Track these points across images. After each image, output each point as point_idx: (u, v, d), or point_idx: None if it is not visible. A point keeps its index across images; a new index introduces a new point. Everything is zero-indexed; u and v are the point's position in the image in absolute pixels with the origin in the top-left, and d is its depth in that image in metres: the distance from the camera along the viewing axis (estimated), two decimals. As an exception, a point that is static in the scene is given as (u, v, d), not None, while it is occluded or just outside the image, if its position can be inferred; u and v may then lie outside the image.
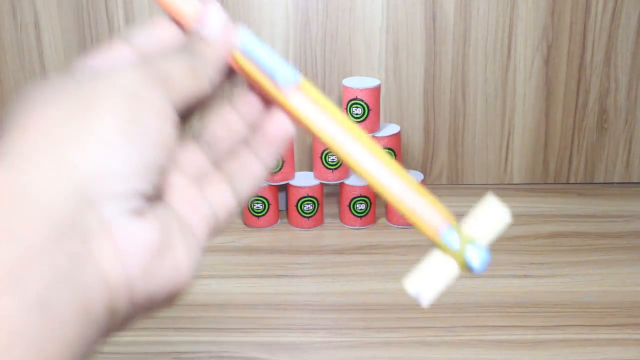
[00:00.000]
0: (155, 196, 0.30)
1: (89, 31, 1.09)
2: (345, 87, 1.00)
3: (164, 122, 0.30)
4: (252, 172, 0.35)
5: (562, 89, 1.13)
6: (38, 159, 0.26)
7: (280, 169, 1.02)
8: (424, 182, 1.05)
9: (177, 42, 0.33)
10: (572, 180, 1.18)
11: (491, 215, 0.33)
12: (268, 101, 0.34)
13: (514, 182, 1.18)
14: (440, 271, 0.32)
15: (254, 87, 0.34)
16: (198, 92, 0.32)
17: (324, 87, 1.12)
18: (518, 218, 1.07)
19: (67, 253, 0.25)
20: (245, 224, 1.06)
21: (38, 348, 0.24)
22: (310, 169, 1.15)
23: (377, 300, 0.86)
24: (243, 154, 0.35)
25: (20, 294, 0.24)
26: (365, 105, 0.99)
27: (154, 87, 0.29)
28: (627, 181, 1.18)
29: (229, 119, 0.35)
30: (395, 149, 1.02)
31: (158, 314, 0.29)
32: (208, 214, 0.34)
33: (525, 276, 0.92)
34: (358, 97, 0.99)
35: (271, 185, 1.03)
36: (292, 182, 1.04)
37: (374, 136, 1.02)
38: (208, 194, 0.34)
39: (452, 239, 0.32)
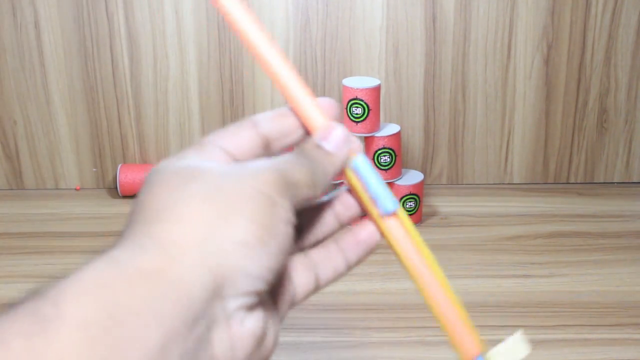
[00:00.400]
0: (266, 288, 0.33)
1: (89, 31, 1.09)
2: (345, 87, 1.00)
3: (290, 228, 0.32)
4: (335, 266, 0.38)
5: (562, 88, 1.13)
6: (187, 250, 0.29)
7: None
8: (424, 182, 1.05)
9: (299, 145, 0.36)
10: (572, 180, 1.18)
11: (513, 348, 0.39)
12: (364, 210, 0.37)
13: (514, 182, 1.18)
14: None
15: (356, 198, 0.38)
16: (312, 199, 0.34)
17: (324, 87, 1.12)
18: (518, 218, 1.07)
19: (196, 338, 0.28)
20: (245, 223, 1.06)
21: None
22: (310, 169, 1.15)
23: (377, 300, 0.86)
24: (331, 247, 0.38)
25: None
26: (365, 105, 0.99)
27: (285, 194, 0.32)
28: (627, 181, 1.18)
29: (325, 216, 0.38)
30: (395, 148, 1.02)
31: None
32: (291, 294, 0.38)
33: (525, 276, 0.92)
34: (358, 96, 0.99)
35: (271, 185, 1.03)
36: (292, 182, 1.03)
37: (373, 136, 1.02)
38: (293, 275, 0.37)
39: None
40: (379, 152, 1.02)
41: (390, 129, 1.04)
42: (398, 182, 1.03)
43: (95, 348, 0.24)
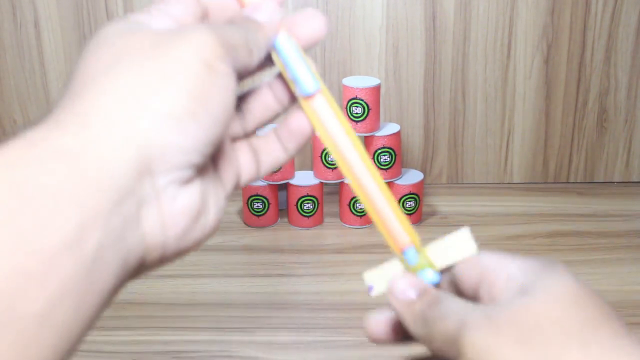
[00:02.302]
0: (204, 164, 0.32)
1: (89, 30, 1.09)
2: (345, 87, 1.00)
3: (230, 96, 0.31)
4: (274, 153, 0.37)
5: (562, 88, 1.13)
6: (112, 127, 0.27)
7: (280, 168, 1.02)
8: (424, 182, 1.05)
9: (230, 18, 0.34)
10: (572, 180, 1.18)
11: (458, 246, 0.35)
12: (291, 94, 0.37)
13: (514, 182, 1.18)
14: (393, 275, 0.37)
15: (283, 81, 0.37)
16: (249, 67, 0.33)
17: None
18: (518, 217, 1.07)
19: (122, 217, 0.27)
20: (245, 223, 1.06)
21: (81, 300, 0.26)
22: (310, 169, 1.15)
23: (377, 299, 0.86)
24: (270, 135, 0.37)
25: (77, 255, 0.25)
26: (365, 105, 0.99)
27: (224, 58, 0.30)
28: (627, 180, 1.18)
29: (265, 97, 0.37)
30: (395, 148, 1.02)
31: (158, 313, 0.29)
32: (236, 171, 0.36)
33: (525, 275, 0.92)
34: (358, 96, 0.99)
35: (271, 184, 1.03)
36: (292, 182, 1.04)
37: (373, 135, 1.02)
38: (239, 155, 0.36)
39: (412, 258, 0.36)
40: (379, 151, 1.02)
41: (390, 128, 1.04)
42: (398, 182, 1.03)
43: (2, 232, 0.23)
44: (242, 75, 0.33)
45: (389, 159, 1.02)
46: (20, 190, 0.25)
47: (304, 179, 1.05)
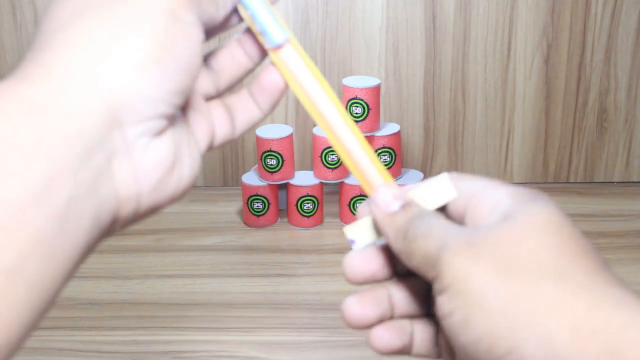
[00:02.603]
0: (174, 115, 0.31)
1: (89, 30, 1.09)
2: (345, 87, 1.00)
3: (196, 46, 0.30)
4: (248, 111, 0.37)
5: (562, 88, 1.13)
6: (77, 77, 0.27)
7: (280, 168, 1.02)
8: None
9: None
10: (572, 180, 1.18)
11: (437, 192, 0.35)
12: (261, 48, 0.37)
13: (514, 182, 1.18)
14: (375, 229, 0.36)
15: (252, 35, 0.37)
16: (216, 20, 0.33)
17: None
18: (518, 217, 1.07)
19: (92, 170, 0.27)
20: (245, 223, 1.06)
21: (53, 254, 0.25)
22: (310, 168, 1.15)
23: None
24: (243, 93, 0.37)
25: (46, 207, 0.25)
26: (365, 105, 0.99)
27: (189, 8, 0.30)
28: (627, 180, 1.18)
29: (235, 53, 0.37)
30: (395, 148, 1.02)
31: (158, 313, 0.29)
32: (210, 128, 0.35)
33: (525, 275, 0.91)
34: (358, 96, 0.99)
35: (271, 184, 1.03)
36: (292, 181, 1.04)
37: (373, 135, 1.02)
38: (211, 114, 0.36)
39: None
40: (379, 151, 1.02)
41: (390, 128, 1.04)
42: (398, 182, 1.03)
43: None
44: (210, 29, 0.33)
45: (389, 159, 1.02)
46: None
47: (304, 179, 1.05)
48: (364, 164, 0.36)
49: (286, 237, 1.03)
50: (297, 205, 1.03)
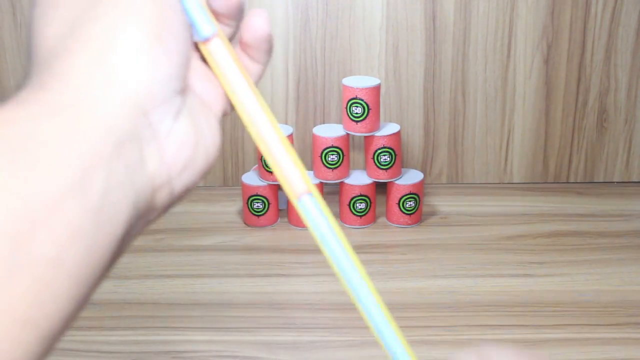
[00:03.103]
0: (185, 89, 0.32)
1: (89, 30, 1.09)
2: (345, 87, 1.00)
3: (183, 14, 0.31)
4: (249, 69, 0.36)
5: (562, 88, 1.13)
6: (93, 77, 0.28)
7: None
8: (424, 182, 1.05)
9: None
10: (572, 180, 1.18)
11: None
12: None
13: (514, 182, 1.18)
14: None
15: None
16: None
17: (324, 87, 1.12)
18: (518, 217, 1.07)
19: (125, 161, 0.27)
20: (245, 223, 1.06)
21: (91, 245, 0.26)
22: (310, 168, 1.15)
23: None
24: (238, 52, 0.37)
25: (82, 199, 0.25)
26: (365, 105, 0.99)
27: None
28: (627, 180, 1.18)
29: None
30: (395, 148, 1.02)
31: (158, 313, 0.29)
32: (219, 91, 0.35)
33: (526, 275, 0.92)
34: (358, 96, 0.99)
35: (271, 184, 1.03)
36: (292, 182, 1.03)
37: (373, 135, 1.02)
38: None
39: (308, 205, 0.35)
40: (379, 151, 1.02)
41: (390, 128, 1.04)
42: (398, 182, 1.03)
43: (4, 174, 0.24)
44: None
45: (389, 159, 1.02)
46: (18, 143, 0.25)
47: (304, 179, 1.04)
48: (283, 162, 0.35)
49: (286, 237, 1.03)
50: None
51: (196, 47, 0.35)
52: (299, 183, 0.35)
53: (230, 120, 1.14)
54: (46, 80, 0.28)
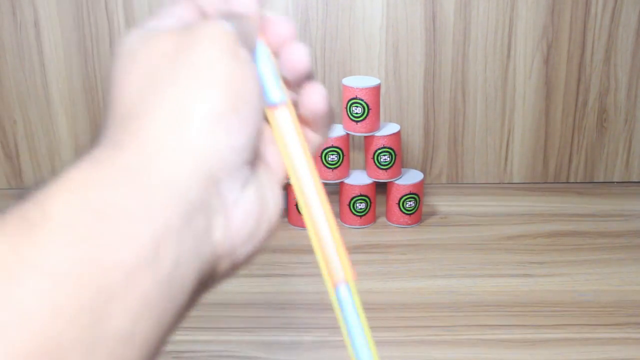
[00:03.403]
0: (253, 157, 0.31)
1: (89, 30, 1.09)
2: (345, 87, 1.00)
3: (257, 81, 0.31)
4: (308, 138, 0.36)
5: (562, 88, 1.13)
6: (168, 142, 0.28)
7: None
8: (424, 182, 1.05)
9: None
10: (572, 180, 1.18)
11: None
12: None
13: (514, 182, 1.18)
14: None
15: None
16: (251, 51, 0.33)
17: (324, 86, 1.12)
18: (518, 217, 1.07)
19: (194, 231, 0.27)
20: (245, 223, 1.06)
21: (160, 316, 0.26)
22: (310, 169, 1.15)
23: (376, 299, 0.87)
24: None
25: (155, 270, 0.25)
26: (365, 105, 0.99)
27: (243, 43, 0.30)
28: (627, 180, 1.18)
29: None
30: (395, 148, 1.02)
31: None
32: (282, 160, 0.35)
33: (525, 275, 0.92)
34: (358, 96, 0.99)
35: (271, 184, 1.03)
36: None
37: (373, 135, 1.02)
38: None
39: (344, 295, 0.36)
40: (379, 151, 1.02)
41: (390, 128, 1.04)
42: (398, 182, 1.03)
43: (83, 247, 0.24)
44: None
45: (389, 159, 1.02)
46: (94, 209, 0.25)
47: (304, 179, 1.04)
48: (328, 247, 0.35)
49: (286, 237, 1.03)
50: (297, 205, 1.03)
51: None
52: (339, 271, 0.35)
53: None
54: (122, 140, 0.28)
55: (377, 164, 1.02)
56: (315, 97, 0.34)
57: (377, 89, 1.00)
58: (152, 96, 0.29)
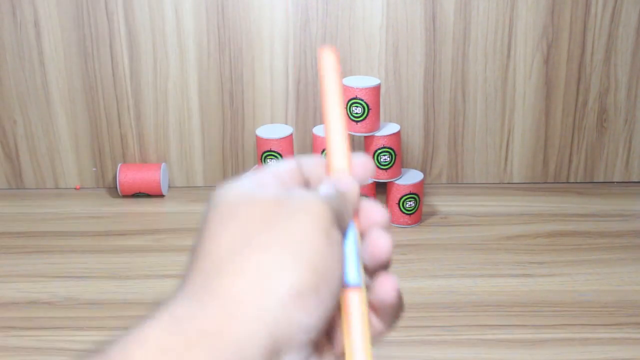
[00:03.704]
0: (318, 337, 0.32)
1: (89, 30, 1.09)
2: (345, 87, 1.00)
3: (342, 264, 0.31)
4: (373, 325, 0.36)
5: (562, 88, 1.13)
6: (245, 308, 0.29)
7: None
8: (424, 182, 1.05)
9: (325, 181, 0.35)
10: (571, 180, 1.18)
11: None
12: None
13: (514, 182, 1.18)
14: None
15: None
16: (343, 232, 0.33)
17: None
18: (518, 217, 1.07)
19: None
20: (245, 223, 1.06)
21: None
22: (310, 169, 1.15)
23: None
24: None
25: None
26: (365, 105, 0.99)
27: (337, 225, 0.31)
28: (626, 180, 1.18)
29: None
30: (395, 148, 1.02)
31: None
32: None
33: (525, 275, 0.92)
34: (358, 96, 0.99)
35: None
36: (292, 182, 1.03)
37: (373, 135, 1.02)
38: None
39: None
40: (379, 151, 1.02)
41: (390, 128, 1.04)
42: (398, 182, 1.03)
43: None
44: None
45: (389, 159, 1.02)
46: None
47: (304, 179, 1.04)
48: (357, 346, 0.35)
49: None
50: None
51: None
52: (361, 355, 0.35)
53: (230, 120, 1.14)
54: (203, 298, 0.29)
55: (377, 164, 1.02)
56: (388, 287, 0.34)
57: (377, 88, 1.00)
58: (241, 258, 0.30)
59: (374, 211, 0.35)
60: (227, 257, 0.30)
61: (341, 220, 0.32)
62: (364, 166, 0.35)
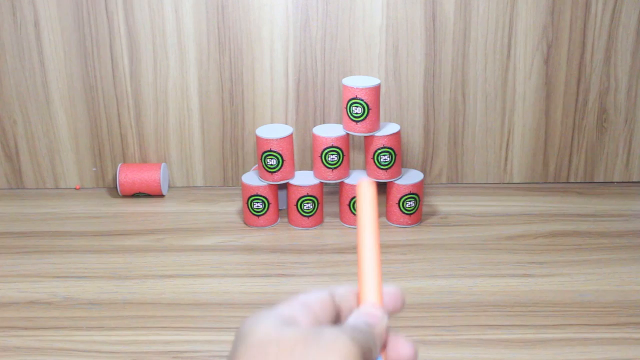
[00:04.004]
0: None
1: (89, 30, 1.09)
2: (345, 87, 1.00)
3: None
4: None
5: (562, 88, 1.13)
6: None
7: (280, 168, 1.02)
8: (424, 182, 1.05)
9: (356, 315, 0.36)
10: (572, 180, 1.18)
11: None
12: None
13: (514, 182, 1.18)
14: None
15: None
16: None
17: (324, 87, 1.12)
18: (518, 217, 1.07)
19: None
20: (245, 223, 1.06)
21: None
22: (310, 169, 1.15)
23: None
24: None
25: None
26: (365, 105, 0.99)
27: None
28: (626, 180, 1.18)
29: None
30: (395, 148, 1.02)
31: (158, 313, 0.29)
32: None
33: (526, 275, 0.92)
34: (358, 96, 0.99)
35: (271, 184, 1.03)
36: (292, 182, 1.04)
37: (373, 135, 1.02)
38: None
39: None
40: (379, 151, 1.02)
41: (390, 128, 1.04)
42: (398, 182, 1.03)
43: None
44: None
45: (389, 159, 1.02)
46: None
47: (304, 179, 1.05)
48: None
49: (286, 237, 1.03)
50: (297, 205, 1.03)
51: None
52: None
53: (230, 120, 1.14)
54: None
55: (377, 164, 1.02)
56: (405, 352, 0.36)
57: (377, 88, 1.00)
58: None
59: (402, 346, 0.36)
60: None
61: (368, 356, 0.33)
62: (394, 298, 0.37)
